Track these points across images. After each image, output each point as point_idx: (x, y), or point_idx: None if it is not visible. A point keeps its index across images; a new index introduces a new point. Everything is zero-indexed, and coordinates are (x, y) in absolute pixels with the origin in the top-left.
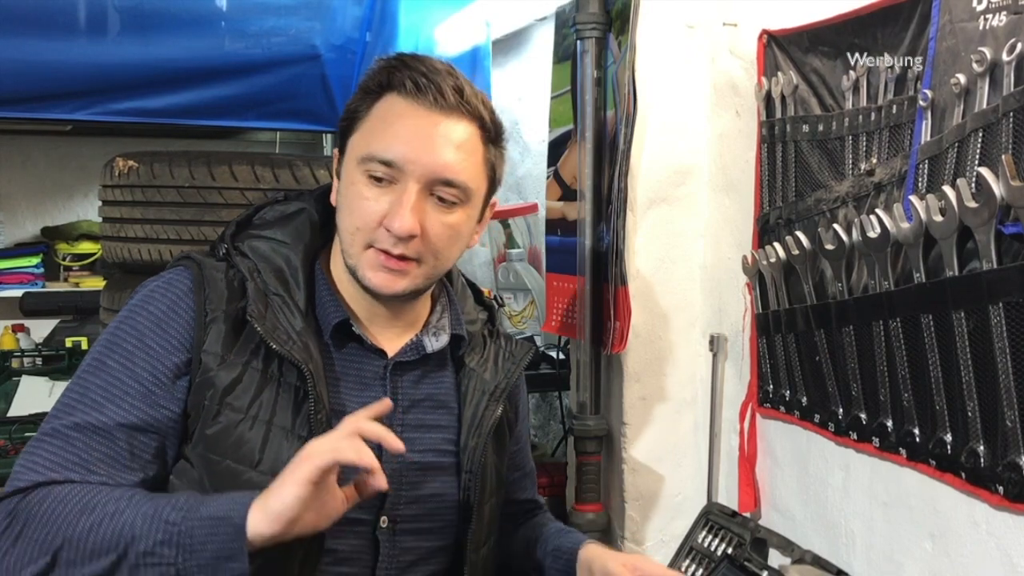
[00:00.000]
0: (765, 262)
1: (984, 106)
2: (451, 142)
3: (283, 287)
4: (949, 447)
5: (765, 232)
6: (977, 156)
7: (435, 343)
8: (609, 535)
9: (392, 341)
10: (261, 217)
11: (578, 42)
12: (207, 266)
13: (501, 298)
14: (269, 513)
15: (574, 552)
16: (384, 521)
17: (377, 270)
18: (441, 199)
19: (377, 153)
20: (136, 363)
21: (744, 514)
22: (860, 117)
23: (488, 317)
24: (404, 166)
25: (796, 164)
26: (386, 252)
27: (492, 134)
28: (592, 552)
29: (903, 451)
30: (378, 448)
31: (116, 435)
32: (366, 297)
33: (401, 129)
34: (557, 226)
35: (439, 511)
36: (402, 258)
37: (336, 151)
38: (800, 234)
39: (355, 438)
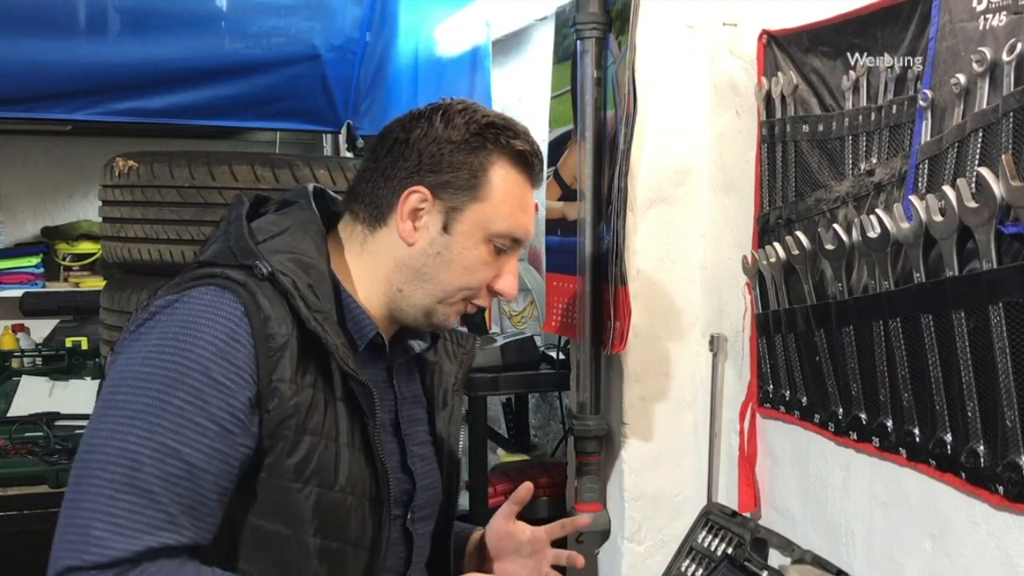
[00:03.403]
0: (765, 262)
1: (984, 106)
2: None
3: (321, 303)
4: (949, 447)
5: (765, 232)
6: (977, 156)
7: (420, 344)
8: (609, 535)
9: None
10: (266, 229)
11: (578, 42)
12: (254, 288)
13: None
14: None
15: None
16: (410, 514)
17: (456, 316)
18: None
19: (519, 236)
20: (208, 400)
21: (744, 514)
22: (860, 117)
23: None
24: (525, 242)
25: (796, 164)
26: (475, 305)
27: None
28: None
29: (903, 451)
30: (399, 444)
31: (200, 483)
32: (385, 312)
33: (527, 210)
34: (557, 226)
35: (434, 499)
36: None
37: (430, 197)
38: (800, 234)
39: None
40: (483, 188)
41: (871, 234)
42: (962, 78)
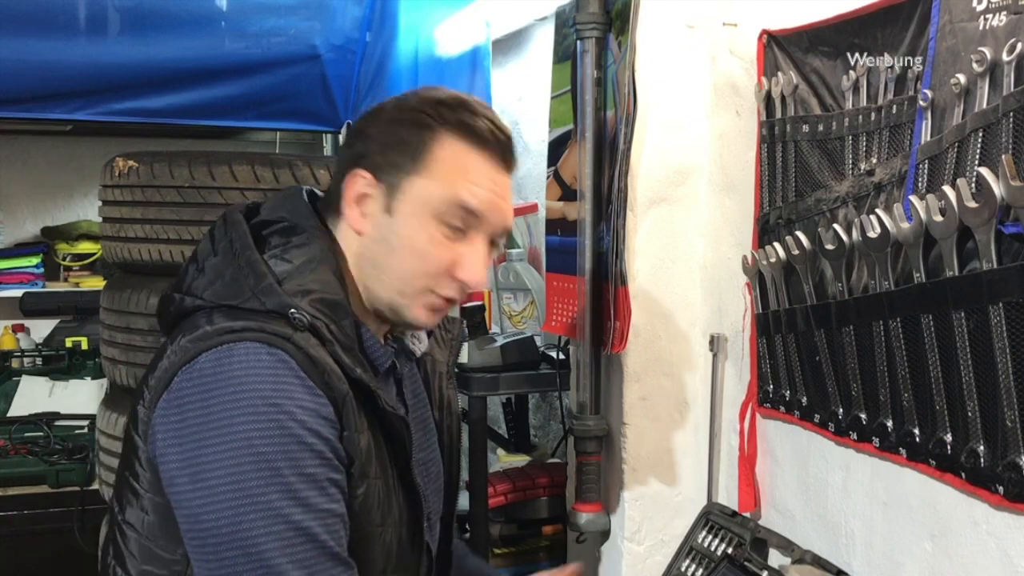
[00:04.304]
0: (765, 262)
1: (984, 106)
2: (511, 195)
3: (350, 342)
4: (949, 447)
5: (765, 232)
6: (977, 156)
7: (419, 346)
8: (609, 535)
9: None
10: (283, 266)
11: (578, 42)
12: (302, 343)
13: None
14: None
15: None
16: (426, 522)
17: (428, 312)
18: (493, 243)
19: (469, 203)
20: (327, 458)
21: (744, 514)
22: (860, 117)
23: None
24: (485, 217)
25: (796, 164)
26: (443, 297)
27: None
28: None
29: (903, 451)
30: (407, 455)
31: (346, 522)
32: (380, 321)
33: (484, 181)
34: (557, 226)
35: (440, 497)
36: (453, 300)
37: (370, 178)
38: (800, 234)
39: None
40: (423, 161)
41: (871, 234)
42: (962, 78)
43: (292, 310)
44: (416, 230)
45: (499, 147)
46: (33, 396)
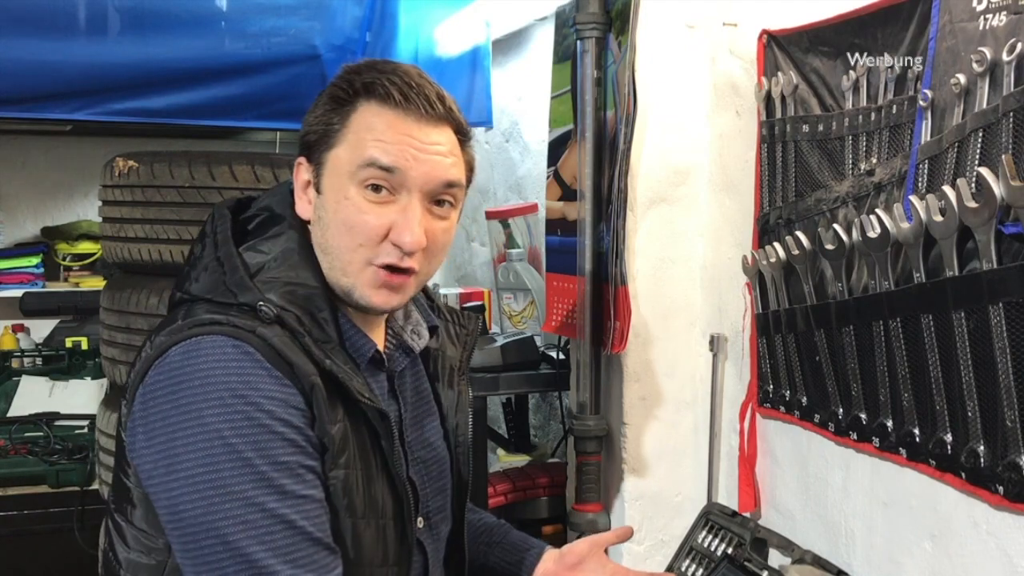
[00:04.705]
0: (765, 262)
1: (984, 106)
2: (444, 151)
3: (325, 334)
4: (949, 447)
5: (765, 232)
6: (977, 156)
7: (419, 342)
8: None
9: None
10: (259, 259)
11: (578, 42)
12: (268, 335)
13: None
14: None
15: (534, 549)
16: (420, 522)
17: (378, 288)
18: (439, 202)
19: (378, 158)
20: (301, 445)
21: (744, 514)
22: (860, 117)
23: (426, 296)
24: (407, 173)
25: (796, 164)
26: (388, 268)
27: (466, 135)
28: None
29: (903, 451)
30: (403, 455)
31: (325, 505)
32: (359, 310)
33: (394, 135)
34: (557, 226)
35: (447, 499)
36: (404, 272)
37: (306, 162)
38: (800, 234)
39: None
40: (340, 133)
41: (871, 234)
42: (962, 78)
43: (260, 303)
44: (340, 200)
45: (413, 101)
46: (33, 396)
